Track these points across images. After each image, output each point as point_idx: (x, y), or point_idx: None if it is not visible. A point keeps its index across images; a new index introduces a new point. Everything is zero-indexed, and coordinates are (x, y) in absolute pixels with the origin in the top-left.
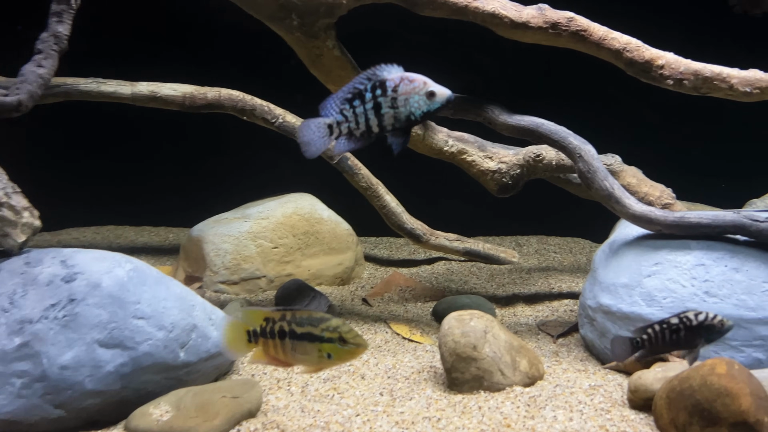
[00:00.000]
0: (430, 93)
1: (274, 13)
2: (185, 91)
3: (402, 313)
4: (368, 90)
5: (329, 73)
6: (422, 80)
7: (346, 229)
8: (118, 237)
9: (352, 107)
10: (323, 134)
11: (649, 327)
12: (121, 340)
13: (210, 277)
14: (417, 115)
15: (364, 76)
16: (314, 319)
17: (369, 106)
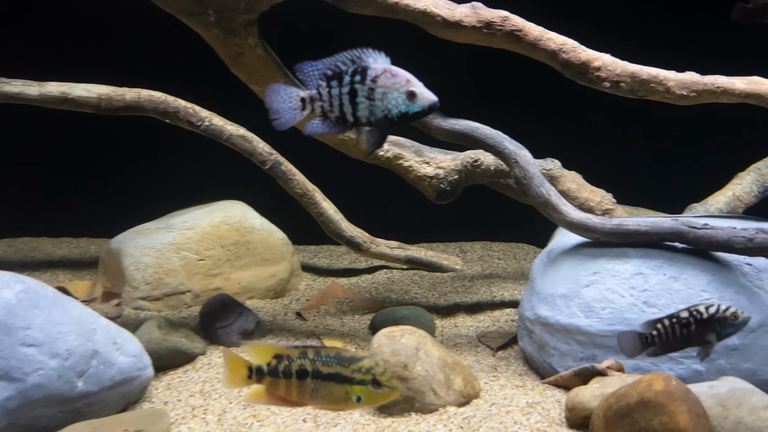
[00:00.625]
0: (410, 93)
1: (189, 8)
2: (100, 93)
3: (338, 326)
4: (348, 73)
5: (252, 73)
6: (406, 77)
7: (280, 238)
8: (34, 250)
9: (329, 86)
10: (295, 106)
11: (659, 321)
12: (7, 371)
13: (129, 293)
14: (393, 114)
15: (348, 56)
16: (343, 358)
17: (345, 90)
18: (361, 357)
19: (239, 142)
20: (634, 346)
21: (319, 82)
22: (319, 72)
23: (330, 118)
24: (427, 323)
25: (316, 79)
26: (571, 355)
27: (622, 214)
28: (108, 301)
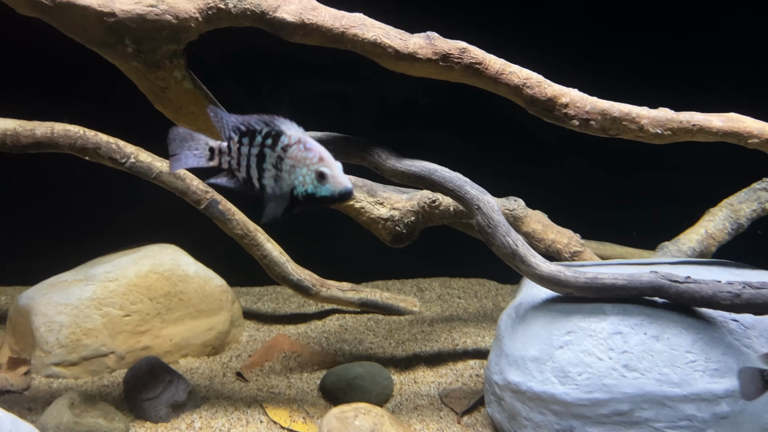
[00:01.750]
0: (320, 173)
1: (101, 39)
2: (6, 128)
3: (284, 389)
4: (261, 133)
5: (179, 110)
6: (319, 154)
7: (218, 285)
8: None
9: (240, 142)
10: (200, 154)
11: None
12: None
13: (40, 359)
14: (299, 192)
15: (264, 118)
16: None
17: (255, 152)
18: None
19: (170, 179)
20: (756, 386)
21: (231, 134)
22: (233, 124)
23: (237, 177)
24: (384, 382)
25: (229, 130)
26: (546, 426)
27: (591, 256)
28: (15, 369)
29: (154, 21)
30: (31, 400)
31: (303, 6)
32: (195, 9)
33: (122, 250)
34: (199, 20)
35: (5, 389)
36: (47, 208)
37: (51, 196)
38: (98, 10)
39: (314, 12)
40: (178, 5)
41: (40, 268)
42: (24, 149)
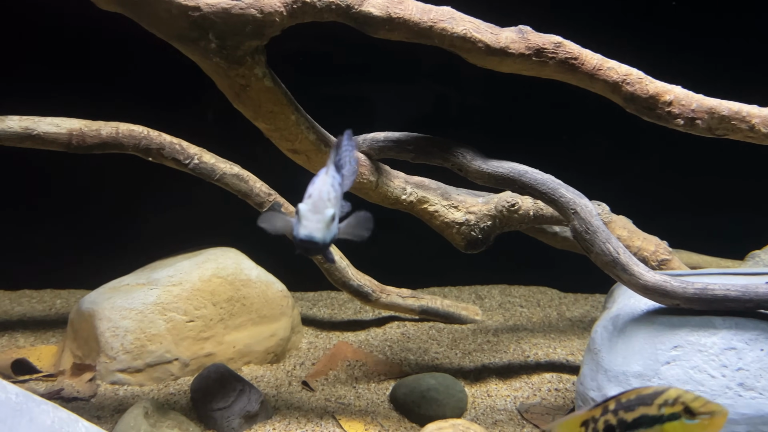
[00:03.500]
0: (297, 210)
1: (184, 33)
2: (72, 127)
3: (353, 399)
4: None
5: (258, 109)
6: (312, 191)
7: (279, 290)
8: None
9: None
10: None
11: None
12: None
13: (105, 365)
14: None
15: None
16: (644, 396)
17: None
18: (662, 389)
19: (233, 181)
20: None
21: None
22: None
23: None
24: (458, 395)
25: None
26: None
27: (679, 265)
28: (79, 376)
29: (239, 15)
30: (99, 408)
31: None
32: (280, 3)
33: (181, 254)
34: (283, 14)
35: (72, 396)
36: (101, 212)
37: (104, 199)
38: (183, 3)
39: (401, 6)
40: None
41: (93, 271)
42: (89, 150)
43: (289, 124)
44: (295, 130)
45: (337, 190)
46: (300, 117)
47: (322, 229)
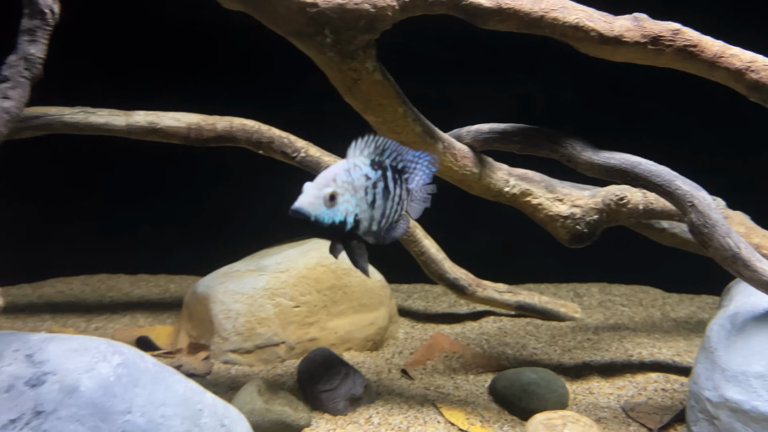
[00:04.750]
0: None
1: (301, 29)
2: (190, 122)
3: (452, 390)
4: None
5: (368, 102)
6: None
7: (378, 280)
8: (111, 289)
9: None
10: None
11: None
12: None
13: (218, 345)
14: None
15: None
16: None
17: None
18: None
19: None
20: None
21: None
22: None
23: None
24: (560, 390)
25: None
26: None
27: None
28: (195, 354)
29: (353, 10)
30: (214, 384)
31: None
32: None
33: (287, 242)
34: (395, 9)
35: (190, 373)
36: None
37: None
38: (302, 0)
39: None
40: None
41: (203, 258)
42: (206, 143)
43: (397, 117)
44: (402, 122)
45: (360, 182)
46: (407, 109)
47: (314, 204)
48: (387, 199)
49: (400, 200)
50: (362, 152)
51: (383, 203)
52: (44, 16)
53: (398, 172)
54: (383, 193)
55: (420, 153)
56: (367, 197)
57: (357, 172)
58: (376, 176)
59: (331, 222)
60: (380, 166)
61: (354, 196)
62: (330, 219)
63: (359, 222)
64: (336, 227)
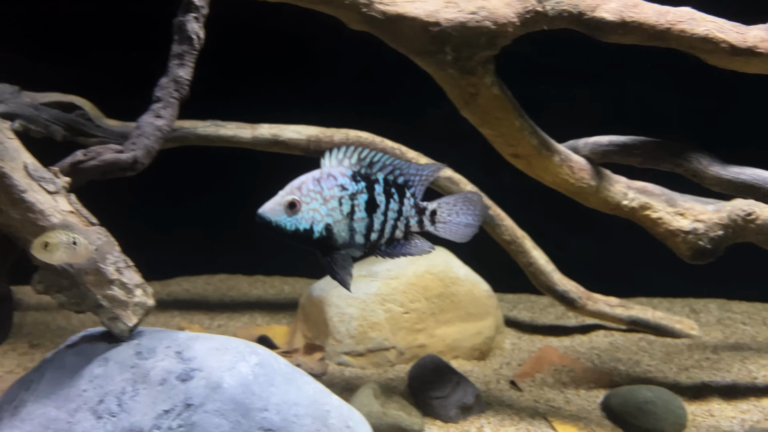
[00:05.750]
0: None
1: (424, 47)
2: (310, 134)
3: (563, 404)
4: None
5: (485, 116)
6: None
7: (485, 290)
8: (231, 288)
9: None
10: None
11: None
12: None
13: (333, 347)
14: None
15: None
16: None
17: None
18: None
19: (445, 184)
20: None
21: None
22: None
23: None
24: (678, 411)
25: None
26: None
27: None
28: (311, 354)
29: (474, 28)
30: (329, 385)
31: (624, 3)
32: (513, 14)
33: None
34: (516, 25)
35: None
36: None
37: None
38: (425, 20)
39: (636, 9)
40: (498, 11)
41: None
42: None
43: (513, 130)
44: (519, 135)
45: (331, 192)
46: (524, 122)
47: (275, 210)
48: (375, 213)
49: (401, 215)
50: (340, 162)
51: (367, 216)
52: (191, 42)
53: (397, 186)
54: (366, 206)
55: (422, 166)
56: (342, 207)
57: (330, 181)
58: (356, 188)
59: (294, 229)
60: (366, 179)
61: (324, 205)
62: (293, 226)
63: (332, 232)
64: (301, 235)
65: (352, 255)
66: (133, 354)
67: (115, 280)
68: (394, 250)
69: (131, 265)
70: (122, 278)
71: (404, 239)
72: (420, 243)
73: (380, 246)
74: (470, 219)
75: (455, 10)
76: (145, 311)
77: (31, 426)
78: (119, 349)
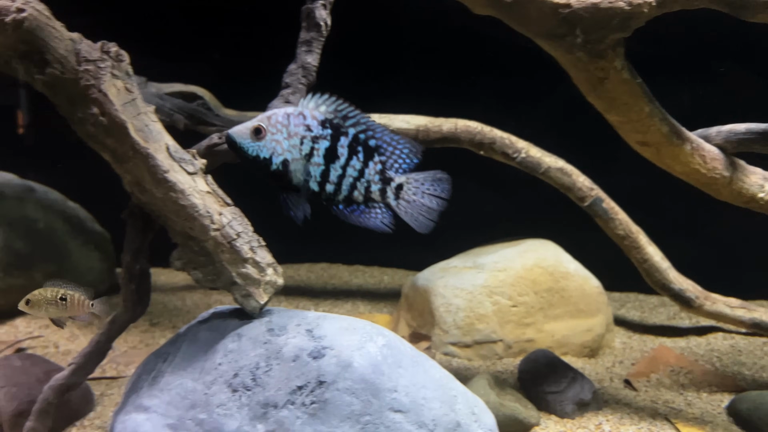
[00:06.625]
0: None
1: (552, 30)
2: (419, 124)
3: (684, 406)
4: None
5: (613, 101)
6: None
7: (595, 286)
8: (332, 277)
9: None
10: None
11: None
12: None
13: (439, 337)
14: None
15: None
16: None
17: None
18: None
19: (557, 175)
20: None
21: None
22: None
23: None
24: None
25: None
26: None
27: None
28: (416, 343)
29: (607, 9)
30: None
31: None
32: None
33: (500, 242)
34: (651, 5)
35: None
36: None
37: None
38: (555, 2)
39: None
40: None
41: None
42: (431, 144)
43: (642, 116)
44: (648, 122)
45: (296, 129)
46: (654, 109)
47: (242, 133)
48: (334, 163)
49: (361, 176)
50: (317, 106)
51: (324, 164)
52: (319, 29)
53: (366, 147)
54: (326, 153)
55: (399, 137)
56: (302, 147)
57: (298, 119)
58: (322, 132)
59: (255, 155)
60: (335, 128)
61: (286, 140)
62: (255, 152)
63: (288, 169)
64: (260, 162)
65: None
66: (265, 330)
67: (249, 258)
68: (350, 214)
69: (263, 245)
70: (255, 257)
71: (364, 205)
72: (380, 215)
73: (337, 203)
74: (434, 203)
75: None
76: (274, 289)
77: (169, 396)
78: (251, 325)
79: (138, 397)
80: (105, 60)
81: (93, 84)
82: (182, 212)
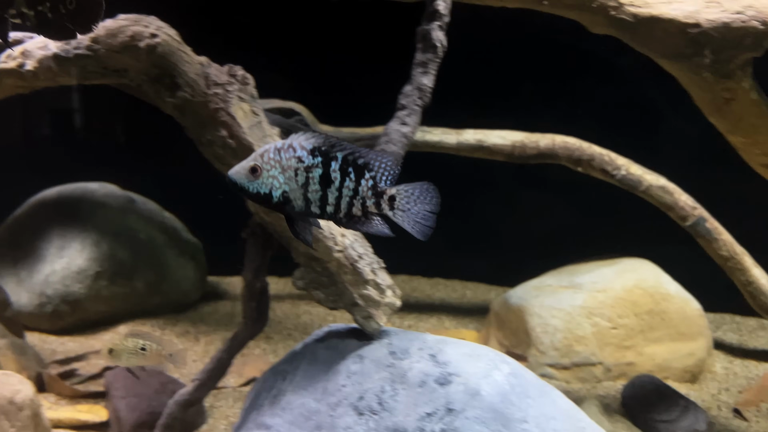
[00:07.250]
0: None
1: (679, 50)
2: (515, 140)
3: None
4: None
5: (738, 122)
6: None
7: (696, 308)
8: (414, 290)
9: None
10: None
11: None
12: None
13: (536, 358)
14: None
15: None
16: None
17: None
18: None
19: (658, 194)
20: None
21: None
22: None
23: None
24: None
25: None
26: None
27: None
28: None
29: (739, 29)
30: None
31: None
32: None
33: (594, 260)
34: None
35: None
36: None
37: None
38: (683, 21)
39: None
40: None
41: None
42: (527, 160)
43: None
44: None
45: (289, 162)
46: None
47: (240, 173)
48: (330, 188)
49: (356, 194)
50: (306, 139)
51: (321, 190)
52: (435, 50)
53: (356, 167)
54: (321, 180)
55: (378, 152)
56: (298, 178)
57: (288, 153)
58: (313, 162)
59: (256, 192)
60: (324, 155)
61: (282, 174)
62: (255, 189)
63: (289, 199)
64: (262, 198)
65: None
66: (387, 353)
67: (371, 280)
68: (354, 226)
69: (383, 266)
70: (377, 278)
71: (364, 218)
72: (379, 225)
73: (341, 220)
74: (428, 207)
75: (718, 10)
76: (392, 311)
77: (292, 415)
78: (372, 347)
79: (259, 415)
80: (233, 83)
81: (221, 107)
82: None
